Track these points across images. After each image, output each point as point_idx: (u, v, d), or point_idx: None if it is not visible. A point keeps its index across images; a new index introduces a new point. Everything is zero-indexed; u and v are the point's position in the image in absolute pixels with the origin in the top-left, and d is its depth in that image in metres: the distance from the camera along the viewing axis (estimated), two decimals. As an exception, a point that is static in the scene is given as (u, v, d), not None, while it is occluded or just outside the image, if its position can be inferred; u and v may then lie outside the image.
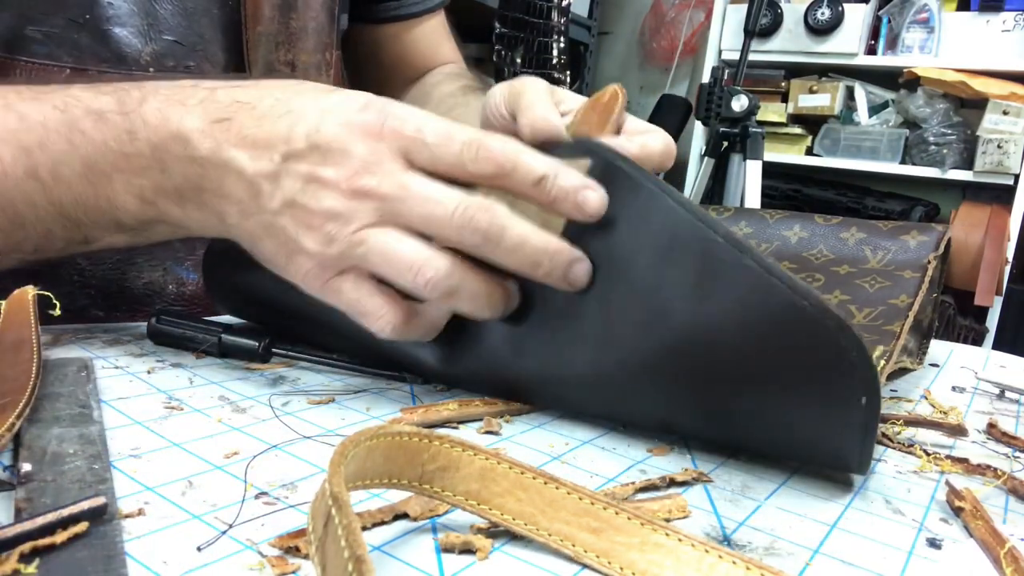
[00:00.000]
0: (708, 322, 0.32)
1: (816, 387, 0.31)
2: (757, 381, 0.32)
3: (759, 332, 0.31)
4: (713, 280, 0.31)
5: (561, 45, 1.85)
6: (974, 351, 0.66)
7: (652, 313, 0.33)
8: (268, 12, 0.56)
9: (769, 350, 0.31)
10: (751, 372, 0.32)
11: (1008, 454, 0.40)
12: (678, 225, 0.33)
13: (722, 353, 0.32)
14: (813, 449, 0.33)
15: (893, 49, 2.34)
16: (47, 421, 0.31)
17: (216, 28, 0.55)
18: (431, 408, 0.37)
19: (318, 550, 0.21)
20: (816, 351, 0.30)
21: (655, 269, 0.33)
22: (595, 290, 0.36)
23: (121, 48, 0.52)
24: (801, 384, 0.31)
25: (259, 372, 0.42)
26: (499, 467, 0.26)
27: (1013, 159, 2.10)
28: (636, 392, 0.36)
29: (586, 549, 0.25)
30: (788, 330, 0.30)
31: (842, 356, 0.30)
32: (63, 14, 0.49)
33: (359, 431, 0.24)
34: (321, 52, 0.60)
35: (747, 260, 0.30)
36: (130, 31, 0.52)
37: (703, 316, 0.32)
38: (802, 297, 0.30)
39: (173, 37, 0.53)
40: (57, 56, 0.50)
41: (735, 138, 1.83)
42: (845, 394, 0.30)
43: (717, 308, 0.31)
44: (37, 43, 0.49)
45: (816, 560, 0.27)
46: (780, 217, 0.58)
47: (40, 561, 0.21)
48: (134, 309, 0.56)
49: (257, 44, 0.56)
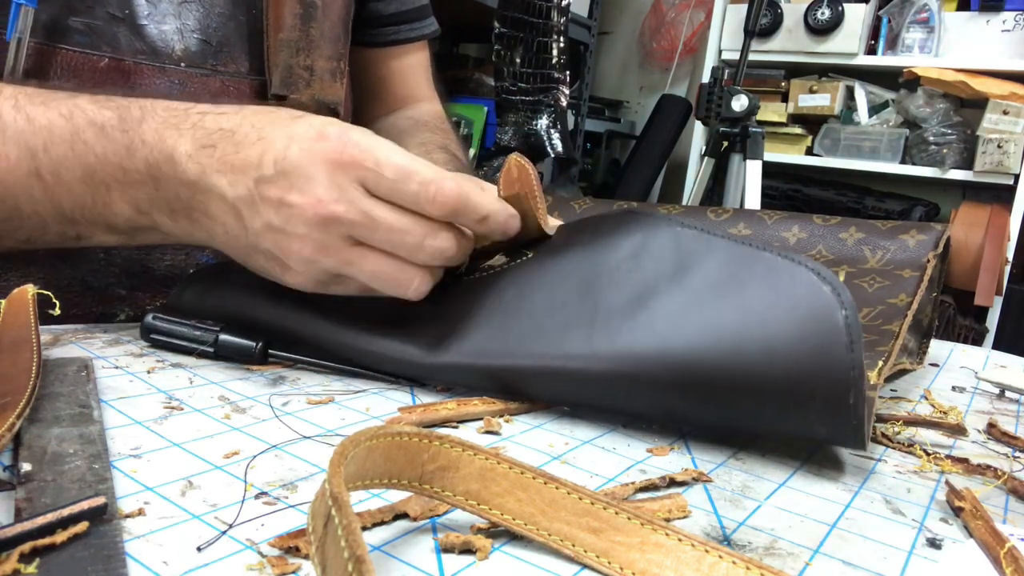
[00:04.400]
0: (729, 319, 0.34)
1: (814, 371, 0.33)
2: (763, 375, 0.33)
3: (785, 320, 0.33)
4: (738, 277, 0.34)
5: (561, 45, 1.84)
6: (974, 351, 0.66)
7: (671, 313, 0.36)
8: (290, 20, 0.59)
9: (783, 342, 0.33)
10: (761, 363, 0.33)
11: (1008, 454, 0.40)
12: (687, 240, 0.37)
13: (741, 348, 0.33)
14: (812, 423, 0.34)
15: (893, 49, 2.34)
16: (47, 421, 0.31)
17: (241, 32, 0.58)
18: (430, 408, 0.37)
19: (318, 550, 0.21)
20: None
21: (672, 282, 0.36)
22: (589, 289, 0.38)
23: (155, 43, 0.54)
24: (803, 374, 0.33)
25: (259, 372, 0.42)
26: (499, 467, 0.26)
27: (1013, 159, 2.09)
28: (638, 386, 0.36)
29: (586, 549, 0.25)
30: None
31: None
32: (104, 8, 0.52)
33: (359, 431, 0.24)
34: (336, 60, 0.63)
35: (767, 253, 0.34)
36: (165, 28, 0.55)
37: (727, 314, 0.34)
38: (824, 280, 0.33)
39: (202, 37, 0.56)
40: (96, 46, 0.52)
41: (735, 138, 1.82)
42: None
43: (741, 302, 0.34)
44: (79, 33, 0.52)
45: (816, 560, 0.27)
46: (779, 218, 0.58)
47: (40, 561, 0.21)
48: (155, 290, 0.58)
49: (279, 49, 0.59)
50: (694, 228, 0.37)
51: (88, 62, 0.52)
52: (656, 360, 0.34)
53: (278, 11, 0.58)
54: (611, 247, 0.39)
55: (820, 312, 0.32)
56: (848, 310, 0.32)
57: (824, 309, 0.32)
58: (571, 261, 0.40)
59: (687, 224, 0.38)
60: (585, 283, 0.38)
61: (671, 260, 0.37)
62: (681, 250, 0.37)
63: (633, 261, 0.38)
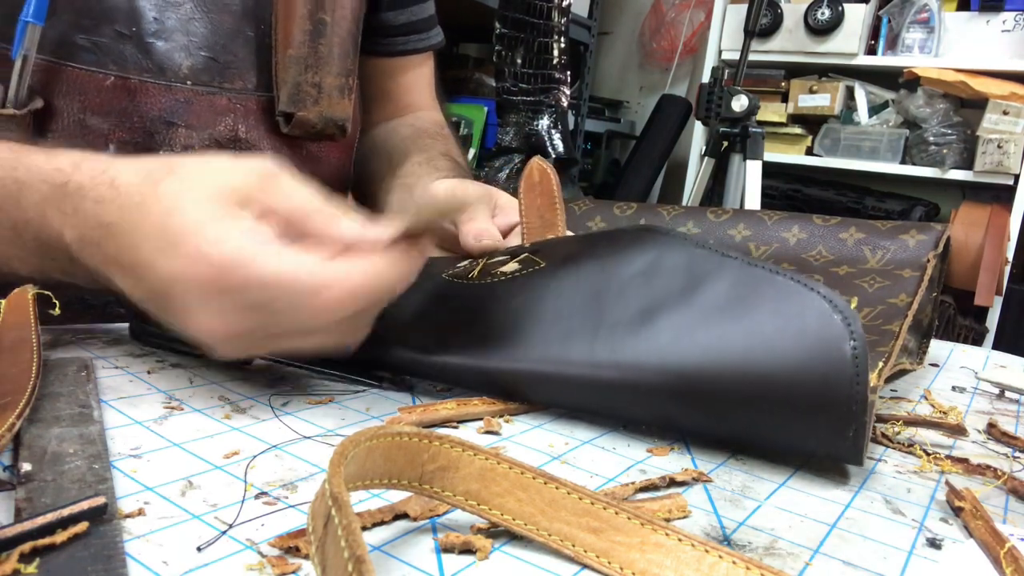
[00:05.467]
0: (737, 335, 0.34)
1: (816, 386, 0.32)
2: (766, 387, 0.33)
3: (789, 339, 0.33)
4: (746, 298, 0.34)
5: (561, 45, 1.84)
6: (974, 351, 0.66)
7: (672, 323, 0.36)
8: (299, 37, 0.59)
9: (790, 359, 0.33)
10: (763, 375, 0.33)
11: (1008, 454, 0.40)
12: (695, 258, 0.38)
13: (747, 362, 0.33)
14: (811, 439, 0.34)
15: (893, 49, 2.33)
16: (47, 421, 0.31)
17: (249, 48, 0.58)
18: (429, 408, 0.37)
19: (318, 550, 0.21)
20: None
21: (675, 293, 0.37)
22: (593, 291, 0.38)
23: (162, 61, 0.54)
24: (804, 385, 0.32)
25: (259, 372, 0.42)
26: (499, 467, 0.26)
27: (1013, 159, 2.09)
28: (638, 393, 0.36)
29: (586, 549, 0.25)
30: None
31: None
32: (111, 25, 0.52)
33: (359, 431, 0.24)
34: (345, 76, 0.63)
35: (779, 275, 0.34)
36: (171, 46, 0.54)
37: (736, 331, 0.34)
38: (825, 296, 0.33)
39: (210, 54, 0.56)
40: (102, 64, 0.52)
41: (735, 138, 1.82)
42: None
43: (750, 321, 0.34)
44: (85, 51, 0.51)
45: (816, 560, 0.27)
46: (779, 218, 0.58)
47: (40, 561, 0.21)
48: None
49: (287, 66, 0.58)
50: (709, 248, 0.37)
51: (94, 80, 0.52)
52: (656, 371, 0.34)
53: (287, 27, 0.58)
54: (624, 262, 0.39)
55: (829, 342, 0.32)
56: (857, 341, 0.31)
57: (833, 340, 0.32)
58: (583, 272, 0.40)
59: (703, 244, 0.38)
60: (595, 294, 0.38)
61: (682, 278, 0.36)
62: (693, 269, 0.37)
63: (643, 277, 0.38)
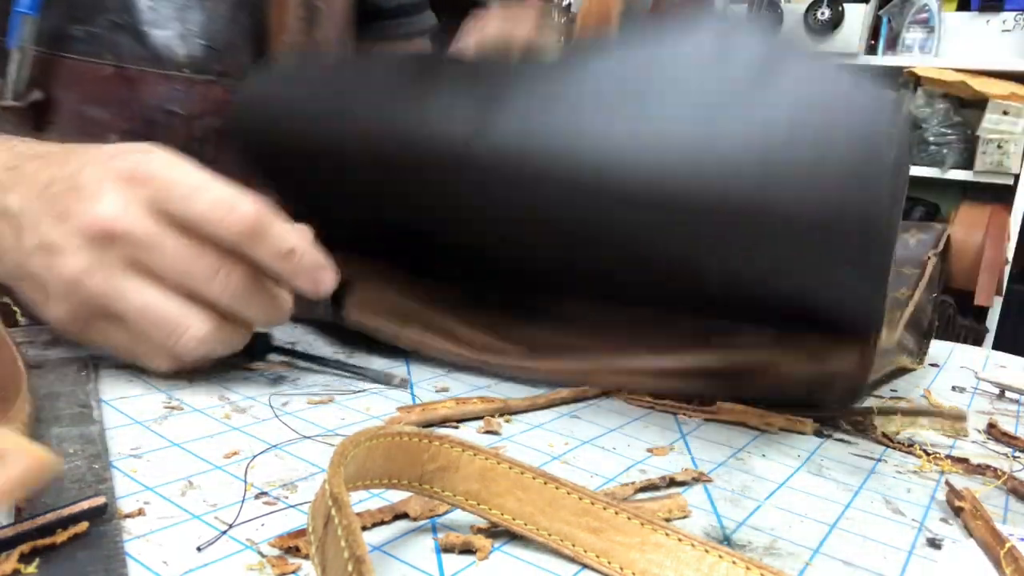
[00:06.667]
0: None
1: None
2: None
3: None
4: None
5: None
6: (974, 351, 0.66)
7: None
8: (293, 24, 0.59)
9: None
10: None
11: (1008, 454, 0.40)
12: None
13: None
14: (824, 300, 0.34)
15: (893, 49, 2.34)
16: (47, 421, 0.31)
17: (245, 36, 0.58)
18: (428, 406, 0.37)
19: (318, 550, 0.21)
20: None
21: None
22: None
23: (158, 49, 0.54)
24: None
25: (259, 372, 0.42)
26: (499, 467, 0.26)
27: (1013, 159, 2.10)
28: None
29: (586, 549, 0.25)
30: None
31: None
32: (105, 15, 0.52)
33: (359, 431, 0.24)
34: None
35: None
36: (167, 34, 0.55)
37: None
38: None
39: (206, 42, 0.56)
40: (99, 54, 0.52)
41: (735, 138, 1.82)
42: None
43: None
44: (81, 41, 0.52)
45: (816, 560, 0.27)
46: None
47: (40, 561, 0.21)
48: None
49: (283, 53, 0.59)
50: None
51: (91, 71, 0.52)
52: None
53: (281, 14, 0.58)
54: (677, 46, 0.36)
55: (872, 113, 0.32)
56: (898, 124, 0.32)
57: (879, 111, 0.32)
58: (623, 56, 0.37)
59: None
60: (622, 80, 0.36)
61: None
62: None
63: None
